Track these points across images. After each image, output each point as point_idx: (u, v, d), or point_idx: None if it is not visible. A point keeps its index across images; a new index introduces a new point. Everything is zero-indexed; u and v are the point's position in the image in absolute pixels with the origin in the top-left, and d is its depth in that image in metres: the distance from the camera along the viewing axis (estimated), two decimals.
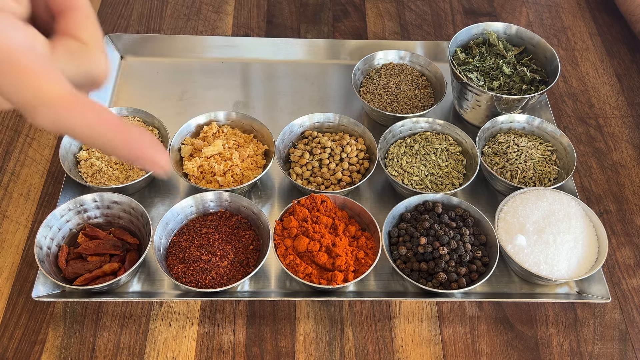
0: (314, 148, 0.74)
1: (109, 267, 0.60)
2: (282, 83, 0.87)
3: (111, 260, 0.60)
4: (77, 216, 0.60)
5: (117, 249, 0.61)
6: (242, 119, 0.76)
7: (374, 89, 0.82)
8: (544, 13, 1.03)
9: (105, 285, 0.58)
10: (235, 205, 0.68)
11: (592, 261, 0.65)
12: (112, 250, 0.61)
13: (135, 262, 0.60)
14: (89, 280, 0.59)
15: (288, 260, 0.62)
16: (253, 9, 0.98)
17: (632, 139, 0.85)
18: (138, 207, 0.62)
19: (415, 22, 0.99)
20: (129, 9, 0.97)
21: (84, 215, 0.61)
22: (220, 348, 0.61)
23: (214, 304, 0.64)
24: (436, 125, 0.77)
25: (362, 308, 0.65)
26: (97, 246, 0.60)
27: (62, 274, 0.60)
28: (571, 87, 0.91)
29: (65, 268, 0.60)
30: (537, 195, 0.69)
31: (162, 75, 0.87)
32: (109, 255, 0.61)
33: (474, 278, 0.63)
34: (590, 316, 0.66)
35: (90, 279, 0.59)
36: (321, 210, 0.66)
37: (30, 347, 0.60)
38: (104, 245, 0.60)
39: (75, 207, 0.60)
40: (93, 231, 0.61)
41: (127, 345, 0.61)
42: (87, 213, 0.61)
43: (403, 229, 0.66)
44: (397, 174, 0.73)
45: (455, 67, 0.78)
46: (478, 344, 0.64)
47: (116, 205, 0.62)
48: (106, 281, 0.58)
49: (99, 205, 0.61)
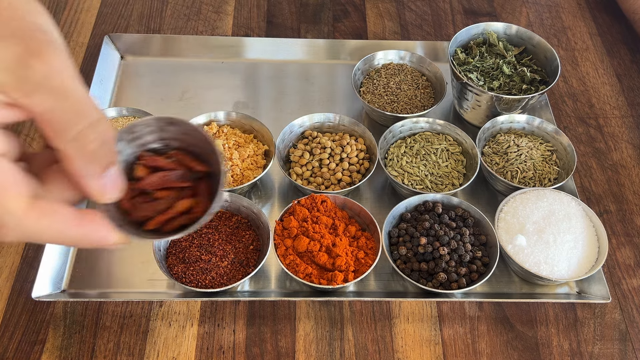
0: (314, 148, 0.74)
1: (182, 206, 0.45)
2: (282, 83, 0.87)
3: (182, 195, 0.46)
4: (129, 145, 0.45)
5: (186, 179, 0.46)
6: (242, 119, 0.76)
7: (374, 89, 0.82)
8: (544, 13, 1.03)
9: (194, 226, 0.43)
10: (235, 205, 0.68)
11: (592, 261, 0.65)
12: (180, 183, 0.46)
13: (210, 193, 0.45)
14: (163, 222, 0.45)
15: (288, 260, 0.62)
16: (253, 9, 0.98)
17: (632, 139, 0.85)
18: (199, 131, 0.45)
19: (415, 22, 0.99)
20: (129, 9, 0.97)
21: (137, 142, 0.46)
22: (220, 348, 0.61)
23: (214, 304, 0.64)
24: (436, 125, 0.77)
25: (362, 308, 0.65)
26: (162, 179, 0.45)
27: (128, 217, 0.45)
28: (571, 87, 0.91)
29: (131, 210, 0.44)
30: (537, 195, 0.69)
31: (162, 75, 0.87)
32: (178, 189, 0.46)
33: (474, 278, 0.63)
34: (590, 316, 0.66)
35: (165, 221, 0.45)
36: (321, 210, 0.66)
37: (30, 347, 0.60)
38: (170, 177, 0.46)
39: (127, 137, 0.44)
40: (153, 160, 0.46)
41: (127, 346, 0.61)
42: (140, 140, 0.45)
43: (403, 229, 0.66)
44: (397, 174, 0.73)
45: (455, 67, 0.78)
46: (478, 344, 0.64)
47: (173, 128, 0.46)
48: (183, 222, 0.44)
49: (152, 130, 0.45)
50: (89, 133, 0.26)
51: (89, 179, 0.28)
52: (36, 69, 0.24)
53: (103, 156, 0.28)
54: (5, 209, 0.26)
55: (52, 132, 0.26)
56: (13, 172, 0.26)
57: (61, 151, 0.27)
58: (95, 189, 0.29)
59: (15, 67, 0.24)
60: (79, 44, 0.91)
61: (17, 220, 0.26)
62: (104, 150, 0.28)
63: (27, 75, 0.24)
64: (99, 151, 0.27)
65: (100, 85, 0.82)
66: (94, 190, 0.29)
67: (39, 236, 0.28)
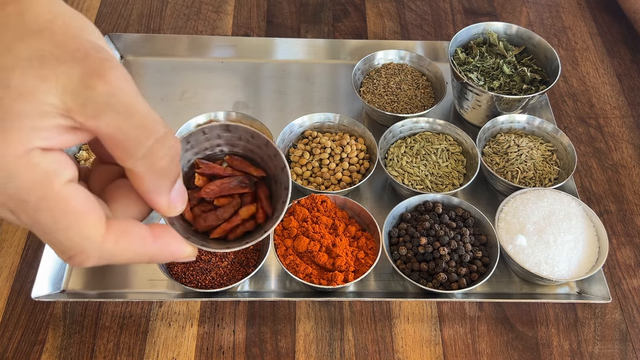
0: (314, 148, 0.73)
1: (246, 212, 0.44)
2: (282, 83, 0.87)
3: (243, 202, 0.45)
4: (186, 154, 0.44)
5: (246, 186, 0.45)
6: (242, 119, 0.76)
7: (374, 88, 0.82)
8: (544, 13, 1.03)
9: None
10: None
11: (593, 261, 0.65)
12: (240, 189, 0.45)
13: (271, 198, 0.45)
14: (228, 231, 0.44)
15: (288, 261, 0.61)
16: (253, 9, 0.98)
17: (632, 139, 0.84)
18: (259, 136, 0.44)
19: (415, 22, 0.99)
20: (128, 9, 0.97)
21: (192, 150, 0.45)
22: (220, 348, 0.61)
23: (213, 304, 0.64)
24: (436, 125, 0.77)
25: (362, 308, 0.65)
26: (222, 187, 0.45)
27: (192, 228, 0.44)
28: (571, 87, 0.91)
29: (194, 220, 0.44)
30: (538, 195, 0.69)
31: (162, 75, 0.86)
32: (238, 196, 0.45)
33: (474, 278, 0.63)
34: (590, 316, 0.66)
35: (229, 229, 0.44)
36: (321, 210, 0.65)
37: (30, 347, 0.60)
38: (229, 184, 0.45)
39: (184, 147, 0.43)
40: (209, 168, 0.45)
41: (127, 346, 0.61)
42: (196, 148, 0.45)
43: (403, 229, 0.66)
44: (397, 174, 0.73)
45: (455, 67, 0.78)
46: (478, 344, 0.63)
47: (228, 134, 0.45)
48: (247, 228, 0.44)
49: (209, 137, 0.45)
50: (159, 149, 0.26)
51: (160, 195, 0.27)
52: (99, 89, 0.23)
53: (172, 171, 0.27)
54: (85, 236, 0.25)
55: (121, 151, 0.25)
56: (86, 197, 0.26)
57: (130, 170, 0.26)
58: (165, 204, 0.28)
59: (78, 90, 0.23)
60: None
61: (97, 245, 0.26)
62: (173, 165, 0.27)
63: (91, 97, 0.23)
64: (169, 167, 0.27)
65: None
66: (164, 205, 0.28)
67: (118, 258, 0.27)
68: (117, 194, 0.29)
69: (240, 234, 0.42)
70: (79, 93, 0.23)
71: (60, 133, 0.24)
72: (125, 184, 0.28)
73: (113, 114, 0.24)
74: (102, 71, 0.24)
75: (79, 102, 0.23)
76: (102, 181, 0.30)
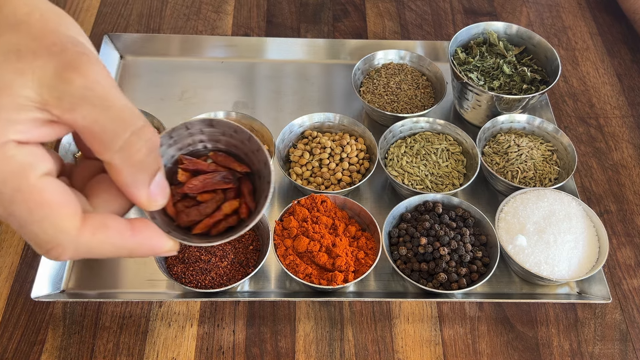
0: (314, 148, 0.73)
1: (229, 207, 0.44)
2: (282, 83, 0.87)
3: (226, 197, 0.45)
4: (169, 149, 0.44)
5: (229, 181, 0.45)
6: (242, 119, 0.76)
7: (374, 88, 0.82)
8: (544, 13, 1.03)
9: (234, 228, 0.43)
10: None
11: (593, 261, 0.65)
12: (223, 185, 0.45)
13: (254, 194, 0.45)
14: (210, 226, 0.44)
15: (288, 261, 0.61)
16: (253, 9, 0.98)
17: (632, 139, 0.84)
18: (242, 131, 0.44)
19: (415, 22, 0.99)
20: (128, 9, 0.97)
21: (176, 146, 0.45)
22: (220, 348, 0.61)
23: (213, 305, 0.64)
24: (436, 125, 0.77)
25: (362, 308, 0.65)
26: (205, 182, 0.45)
27: (175, 223, 0.44)
28: (572, 87, 0.91)
29: (176, 215, 0.44)
30: (538, 195, 0.69)
31: (162, 75, 0.86)
32: (221, 191, 0.45)
33: (474, 278, 0.63)
34: (590, 316, 0.66)
35: (212, 224, 0.44)
36: (321, 210, 0.65)
37: (30, 347, 0.60)
38: (213, 180, 0.45)
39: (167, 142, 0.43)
40: (193, 163, 0.45)
41: (127, 346, 0.61)
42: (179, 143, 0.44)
43: (403, 229, 0.66)
44: (397, 174, 0.73)
45: (455, 67, 0.77)
46: (478, 345, 0.63)
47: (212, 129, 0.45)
48: (229, 224, 0.43)
49: (192, 132, 0.44)
50: (135, 142, 0.26)
51: (138, 188, 0.27)
52: (75, 83, 0.24)
53: (150, 164, 0.27)
54: (60, 229, 0.25)
55: (98, 144, 0.25)
56: (62, 190, 0.26)
57: (108, 163, 0.26)
58: (145, 198, 0.28)
59: (55, 83, 0.23)
60: None
61: (72, 238, 0.26)
62: (151, 158, 0.27)
63: (67, 90, 0.24)
64: (146, 160, 0.27)
65: None
66: (143, 199, 0.28)
67: (95, 252, 0.27)
68: (98, 189, 0.29)
69: (223, 229, 0.42)
70: (55, 86, 0.24)
71: (37, 126, 0.24)
72: (106, 179, 0.28)
73: (89, 107, 0.24)
74: (79, 65, 0.24)
75: (55, 96, 0.24)
76: (85, 176, 0.30)
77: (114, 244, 0.27)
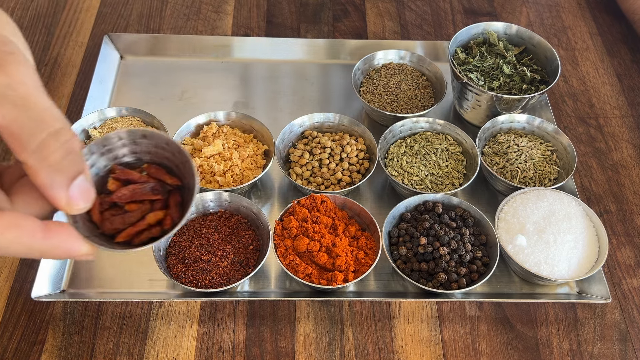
0: (313, 148, 0.73)
1: (153, 217, 0.46)
2: (282, 83, 0.87)
3: (153, 208, 0.47)
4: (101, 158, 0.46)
5: (158, 192, 0.47)
6: (242, 119, 0.76)
7: (374, 88, 0.82)
8: (544, 13, 1.03)
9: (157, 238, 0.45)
10: (235, 205, 0.67)
11: (593, 261, 0.65)
12: (152, 196, 0.47)
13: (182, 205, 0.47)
14: (133, 235, 0.46)
15: (288, 261, 0.61)
16: (253, 9, 0.98)
17: (632, 139, 0.84)
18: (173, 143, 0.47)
19: (415, 22, 0.99)
20: (128, 9, 0.97)
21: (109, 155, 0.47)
22: (220, 348, 0.61)
23: (213, 304, 0.64)
24: (436, 125, 0.77)
25: (362, 308, 0.65)
26: (134, 192, 0.46)
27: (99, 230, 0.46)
28: (571, 87, 0.91)
29: (101, 222, 0.46)
30: (538, 195, 0.69)
31: (162, 75, 0.86)
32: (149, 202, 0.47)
33: (474, 278, 0.63)
34: (590, 316, 0.66)
35: (135, 233, 0.46)
36: (321, 210, 0.65)
37: (30, 347, 0.60)
38: (142, 190, 0.47)
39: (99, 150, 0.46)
40: (125, 173, 0.47)
41: (127, 346, 0.61)
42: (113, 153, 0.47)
43: (403, 229, 0.66)
44: (397, 174, 0.73)
45: (455, 67, 0.78)
46: (478, 344, 0.63)
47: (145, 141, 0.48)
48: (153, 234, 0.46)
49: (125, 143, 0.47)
50: (51, 143, 0.26)
51: (55, 189, 0.27)
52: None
53: (68, 166, 0.27)
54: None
55: (16, 144, 0.26)
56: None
57: (25, 163, 0.26)
58: (63, 200, 0.28)
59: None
60: (79, 43, 0.91)
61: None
62: (68, 161, 0.27)
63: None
64: (63, 161, 0.27)
65: (100, 85, 0.82)
66: (61, 200, 0.28)
67: (4, 250, 0.27)
68: (21, 190, 0.29)
69: (146, 239, 0.43)
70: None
71: None
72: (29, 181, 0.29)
73: (10, 106, 0.25)
74: (3, 64, 0.25)
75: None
76: (15, 177, 0.30)
77: (23, 244, 0.28)
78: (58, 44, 0.90)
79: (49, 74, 0.86)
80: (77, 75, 0.86)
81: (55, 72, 0.86)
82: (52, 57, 0.88)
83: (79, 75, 0.86)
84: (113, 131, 0.43)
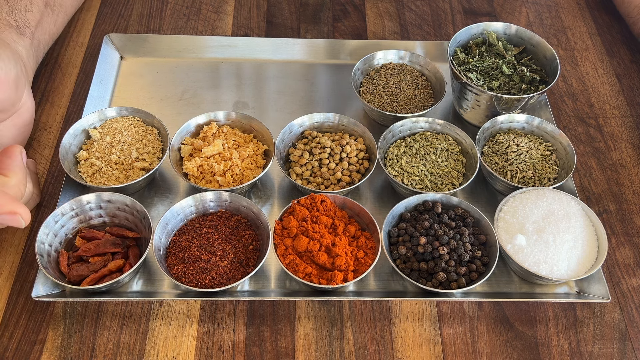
0: (313, 148, 0.74)
1: (114, 265, 0.59)
2: (282, 83, 0.87)
3: (114, 259, 0.60)
4: (71, 221, 0.60)
5: (118, 246, 0.60)
6: (242, 119, 0.76)
7: (374, 88, 0.82)
8: (543, 13, 1.03)
9: (113, 283, 0.58)
10: (235, 205, 0.68)
11: (592, 261, 0.65)
12: (113, 249, 0.59)
13: (139, 257, 0.60)
14: (96, 280, 0.58)
15: (288, 260, 0.62)
16: (253, 9, 0.99)
17: (631, 138, 0.85)
18: (133, 204, 0.61)
19: (415, 22, 0.99)
20: (128, 9, 0.97)
21: (77, 219, 0.62)
22: (220, 348, 0.61)
23: (213, 304, 0.64)
24: (436, 125, 0.77)
25: (361, 308, 0.65)
26: (97, 246, 0.59)
27: (66, 279, 0.60)
28: (571, 87, 0.91)
29: (68, 272, 0.59)
30: (537, 195, 0.69)
31: (162, 75, 0.87)
32: (111, 254, 0.60)
33: (473, 278, 0.63)
34: (590, 316, 0.66)
35: (97, 278, 0.58)
36: (321, 210, 0.66)
37: (30, 346, 0.60)
38: (104, 245, 0.59)
39: (69, 211, 0.60)
40: (90, 233, 0.60)
41: (127, 345, 0.61)
42: (80, 216, 0.61)
43: (403, 229, 0.66)
44: (397, 173, 0.73)
45: (455, 67, 0.78)
46: (478, 344, 0.64)
47: (110, 205, 0.62)
48: (113, 279, 0.58)
49: (92, 207, 0.61)
50: None
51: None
52: None
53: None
54: None
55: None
56: None
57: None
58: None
59: None
60: (79, 43, 0.91)
61: None
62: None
63: None
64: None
65: (100, 85, 0.82)
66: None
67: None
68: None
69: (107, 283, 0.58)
70: None
71: None
72: None
73: None
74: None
75: None
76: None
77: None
78: (58, 44, 0.90)
79: (49, 74, 0.86)
80: (78, 75, 0.86)
81: (55, 72, 0.86)
82: (52, 57, 0.88)
83: (79, 75, 0.86)
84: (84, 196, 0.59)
